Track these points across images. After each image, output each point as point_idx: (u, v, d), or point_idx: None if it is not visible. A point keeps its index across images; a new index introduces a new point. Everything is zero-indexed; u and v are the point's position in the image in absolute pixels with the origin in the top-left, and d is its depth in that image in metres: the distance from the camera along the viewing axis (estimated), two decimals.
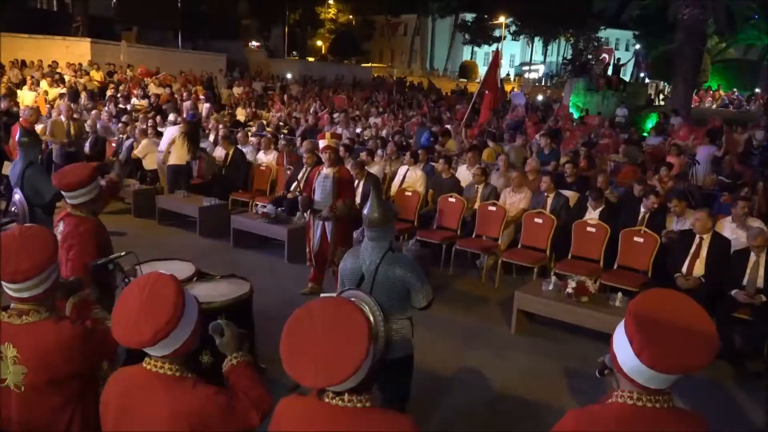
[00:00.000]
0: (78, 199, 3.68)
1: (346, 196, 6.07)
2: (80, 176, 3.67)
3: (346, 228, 6.20)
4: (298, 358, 1.72)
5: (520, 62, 56.89)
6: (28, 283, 2.20)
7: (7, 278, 2.18)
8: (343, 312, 1.78)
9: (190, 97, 17.01)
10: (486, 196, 7.74)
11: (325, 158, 6.17)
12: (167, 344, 1.88)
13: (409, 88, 31.03)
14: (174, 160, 9.11)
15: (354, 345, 1.70)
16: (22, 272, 2.17)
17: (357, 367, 1.68)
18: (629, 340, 1.66)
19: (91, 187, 3.71)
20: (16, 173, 5.76)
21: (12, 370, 2.19)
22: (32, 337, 2.20)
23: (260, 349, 4.57)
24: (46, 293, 2.27)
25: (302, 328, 1.77)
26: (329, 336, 1.72)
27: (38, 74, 17.83)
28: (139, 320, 1.84)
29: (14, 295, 2.23)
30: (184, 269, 4.58)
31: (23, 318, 2.22)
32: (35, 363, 2.18)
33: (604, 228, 6.61)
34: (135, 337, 1.84)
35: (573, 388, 4.79)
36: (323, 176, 6.13)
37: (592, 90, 22.28)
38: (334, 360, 1.68)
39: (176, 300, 1.88)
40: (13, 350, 2.18)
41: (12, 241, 2.23)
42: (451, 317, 5.97)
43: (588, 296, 5.25)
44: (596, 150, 11.59)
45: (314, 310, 1.81)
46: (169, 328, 1.84)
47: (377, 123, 14.65)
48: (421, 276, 3.46)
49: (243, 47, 35.28)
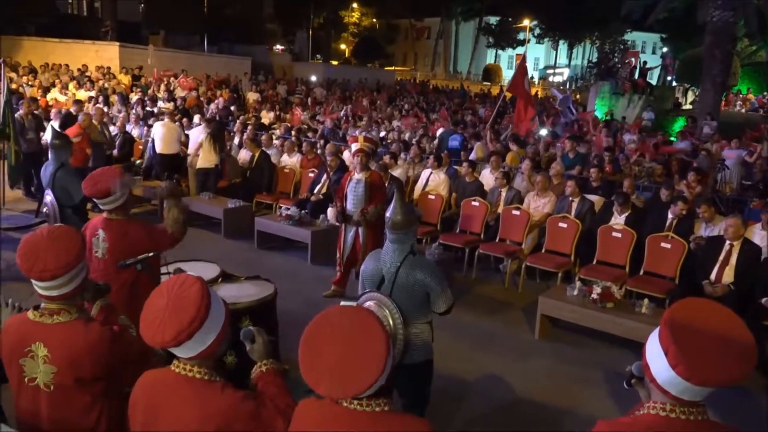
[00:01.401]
0: (111, 204, 3.68)
1: (378, 200, 6.06)
2: (108, 184, 3.65)
3: (378, 233, 6.19)
4: (314, 366, 1.73)
5: (544, 65, 56.45)
6: (55, 281, 2.24)
7: (35, 276, 2.23)
8: (362, 323, 1.78)
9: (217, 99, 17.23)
10: (509, 200, 7.69)
11: (356, 162, 6.15)
12: (191, 346, 1.89)
13: (433, 90, 30.99)
14: (202, 164, 9.20)
15: (371, 359, 1.70)
16: (50, 270, 2.21)
17: (372, 382, 1.68)
18: (664, 351, 1.62)
19: (121, 192, 3.70)
20: (47, 175, 5.89)
21: (42, 370, 2.23)
22: (63, 337, 2.24)
23: (283, 349, 4.60)
24: (74, 292, 2.31)
25: (320, 337, 1.77)
26: (346, 347, 1.72)
27: (66, 77, 18.21)
28: (164, 320, 1.86)
29: (43, 294, 2.28)
30: (210, 270, 4.64)
31: (54, 318, 2.26)
32: (65, 363, 2.21)
33: (630, 233, 6.53)
34: (158, 337, 1.87)
35: (596, 395, 4.73)
36: (355, 181, 6.12)
37: (617, 94, 22.03)
38: (349, 373, 1.68)
39: (200, 302, 1.89)
40: (44, 349, 2.22)
41: (40, 240, 2.28)
42: (473, 322, 5.94)
43: (613, 302, 5.19)
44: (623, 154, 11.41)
45: (333, 318, 1.81)
46: (191, 329, 1.85)
47: (400, 126, 14.65)
48: (442, 280, 3.44)
49: (268, 51, 35.60)
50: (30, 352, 2.23)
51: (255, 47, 31.64)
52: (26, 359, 2.23)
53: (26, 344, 2.23)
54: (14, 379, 2.29)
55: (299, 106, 18.44)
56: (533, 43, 51.50)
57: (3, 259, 6.88)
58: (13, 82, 15.72)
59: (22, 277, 2.31)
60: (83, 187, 3.75)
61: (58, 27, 23.24)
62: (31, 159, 9.74)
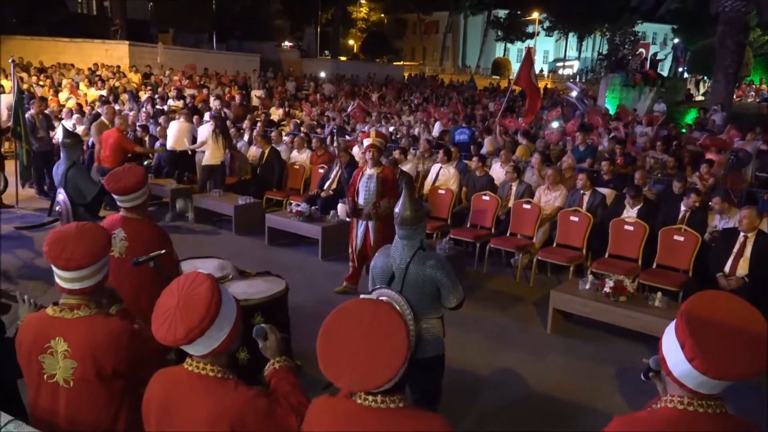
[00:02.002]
0: (131, 202, 3.70)
1: (390, 195, 6.06)
2: (135, 180, 3.66)
3: (388, 227, 6.17)
4: (333, 359, 1.73)
5: (554, 58, 56.10)
6: (80, 272, 2.26)
7: (62, 264, 2.24)
8: (383, 315, 1.77)
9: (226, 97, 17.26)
10: (520, 194, 7.65)
11: (368, 157, 6.13)
12: (203, 343, 1.89)
13: (440, 85, 30.87)
14: (208, 160, 9.24)
15: (392, 352, 1.69)
16: (76, 260, 2.24)
17: (393, 375, 1.68)
18: (680, 344, 1.61)
19: (144, 190, 3.74)
20: (59, 174, 5.93)
21: (62, 365, 2.24)
22: (83, 331, 2.24)
23: (295, 346, 4.61)
24: (94, 287, 2.33)
25: (340, 329, 1.76)
26: (367, 340, 1.72)
27: (80, 77, 18.33)
28: (175, 318, 1.87)
29: (65, 286, 2.29)
30: (221, 267, 4.64)
31: (74, 312, 2.28)
32: (85, 357, 2.22)
33: (642, 226, 6.47)
34: (170, 335, 1.87)
35: (610, 389, 4.71)
36: (367, 176, 6.11)
37: (628, 86, 21.87)
38: (370, 365, 1.68)
39: (210, 299, 1.89)
40: (63, 344, 2.23)
41: (69, 231, 2.33)
42: (484, 316, 5.93)
43: (626, 296, 5.15)
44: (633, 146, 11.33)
45: (353, 311, 1.80)
46: (203, 326, 1.86)
47: (410, 121, 14.62)
48: (452, 275, 3.43)
49: (276, 47, 35.62)
50: (49, 348, 2.24)
51: (263, 44, 31.68)
52: (45, 356, 2.24)
53: (45, 340, 2.24)
54: (33, 377, 2.29)
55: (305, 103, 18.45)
56: (542, 36, 51.17)
57: (18, 257, 6.96)
58: (24, 82, 15.85)
59: (37, 276, 2.33)
60: (106, 184, 3.76)
61: (68, 27, 23.39)
62: (43, 158, 9.84)
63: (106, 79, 18.27)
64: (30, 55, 20.44)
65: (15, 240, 7.65)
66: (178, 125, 10.05)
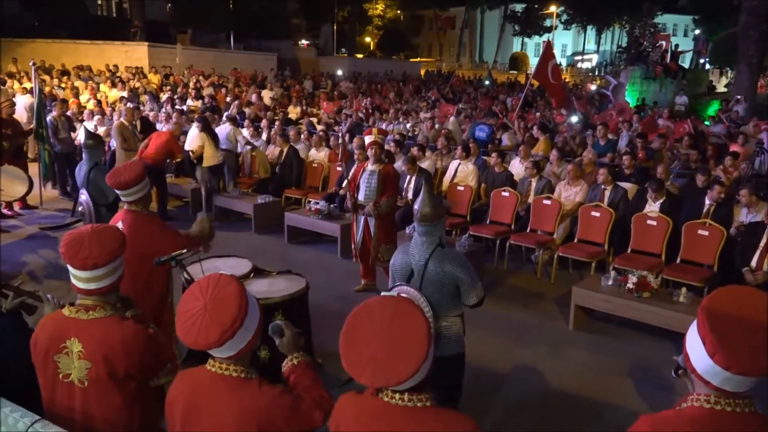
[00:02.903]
0: (132, 196, 3.86)
1: (391, 192, 6.04)
2: (135, 174, 3.82)
3: (389, 224, 6.17)
4: (355, 356, 1.72)
5: (572, 52, 55.52)
6: (96, 272, 2.29)
7: (79, 264, 2.27)
8: (403, 312, 1.76)
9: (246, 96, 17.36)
10: (540, 190, 7.58)
11: (370, 154, 6.14)
12: (232, 345, 1.89)
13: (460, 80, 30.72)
14: (207, 162, 9.06)
15: (413, 348, 1.68)
16: (93, 258, 2.27)
17: (415, 371, 1.67)
18: (702, 340, 1.58)
19: (144, 184, 3.88)
20: (82, 174, 6.01)
21: (77, 365, 2.26)
22: (98, 332, 2.27)
23: (315, 343, 4.62)
24: (110, 287, 2.35)
25: (361, 327, 1.76)
26: (388, 337, 1.71)
27: (101, 78, 18.57)
28: (205, 322, 1.86)
29: (81, 286, 2.31)
30: (242, 266, 4.67)
31: (89, 313, 2.30)
32: (99, 358, 2.24)
33: (665, 221, 6.38)
34: (201, 339, 1.86)
35: (633, 386, 4.64)
36: (368, 172, 6.10)
37: (649, 78, 21.56)
38: (391, 362, 1.67)
39: (241, 300, 1.90)
40: (78, 345, 2.25)
41: (85, 232, 2.37)
42: (505, 313, 5.89)
43: (650, 292, 5.08)
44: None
45: (374, 308, 1.80)
46: (234, 328, 1.86)
47: (427, 117, 14.56)
48: (471, 273, 3.41)
49: (293, 46, 35.75)
50: (65, 348, 2.26)
51: (280, 43, 31.80)
52: (61, 355, 2.27)
53: (61, 340, 2.27)
54: (49, 376, 2.31)
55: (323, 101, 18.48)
56: (560, 30, 50.63)
57: (42, 257, 7.07)
58: (47, 84, 16.09)
59: (60, 276, 2.36)
60: (108, 179, 3.91)
61: (89, 29, 23.69)
62: (65, 159, 9.98)
63: (126, 80, 18.48)
64: (52, 57, 20.74)
65: (39, 240, 7.77)
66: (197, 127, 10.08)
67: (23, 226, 8.48)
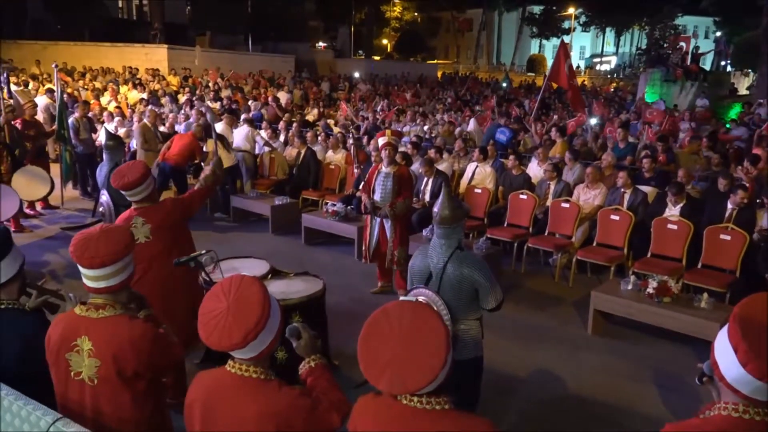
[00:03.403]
0: (138, 195, 3.94)
1: (406, 194, 6.03)
2: (138, 174, 3.89)
3: (404, 227, 6.16)
4: (373, 362, 1.72)
5: (590, 54, 55.12)
6: (104, 270, 2.31)
7: (86, 262, 2.30)
8: (421, 318, 1.75)
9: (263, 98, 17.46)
10: (558, 193, 7.53)
11: (384, 155, 6.13)
12: (255, 346, 1.90)
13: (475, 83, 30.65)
14: (224, 164, 9.17)
15: (431, 354, 1.68)
16: (100, 257, 2.30)
17: (433, 378, 1.66)
18: (733, 348, 1.55)
19: (147, 183, 3.95)
20: (102, 175, 6.08)
21: (87, 363, 2.29)
22: (107, 330, 2.29)
23: (332, 345, 4.63)
24: (119, 286, 2.38)
25: (379, 332, 1.76)
26: (406, 343, 1.70)
27: (121, 78, 18.81)
28: (228, 323, 1.87)
29: (91, 285, 2.35)
30: (260, 266, 4.69)
31: (99, 312, 2.33)
32: (108, 356, 2.26)
33: (686, 225, 6.29)
34: (225, 341, 1.87)
35: (653, 393, 4.58)
36: (383, 174, 6.09)
37: (669, 80, 21.32)
38: (409, 368, 1.67)
39: (264, 301, 1.90)
40: (88, 343, 2.28)
41: (93, 232, 2.41)
42: (523, 317, 5.84)
43: (670, 297, 5.01)
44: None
45: (391, 314, 1.79)
46: (258, 329, 1.87)
47: (444, 119, 14.53)
48: (490, 276, 3.38)
49: (310, 48, 35.89)
50: (75, 346, 2.29)
51: (297, 45, 31.96)
52: (72, 353, 2.29)
53: (72, 338, 2.30)
54: (61, 373, 2.34)
55: (344, 101, 18.53)
56: (579, 32, 50.33)
57: (63, 256, 7.17)
58: (69, 86, 16.32)
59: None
60: (112, 181, 4.00)
61: (109, 32, 24.01)
62: (86, 160, 10.10)
63: (146, 82, 18.68)
64: (73, 59, 21.05)
65: (60, 240, 7.87)
66: (218, 128, 10.16)
67: (45, 225, 8.60)
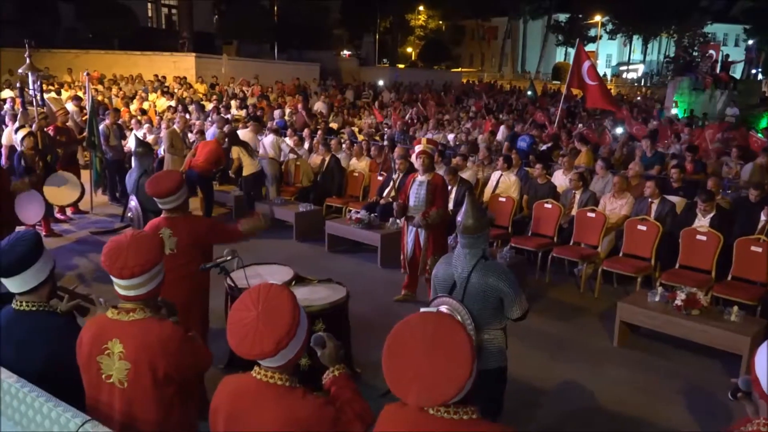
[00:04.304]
0: (170, 204, 3.94)
1: (441, 203, 6.01)
2: (173, 183, 3.91)
3: (439, 236, 6.14)
4: (399, 375, 1.72)
5: (617, 62, 54.50)
6: (133, 280, 2.33)
7: (116, 273, 2.33)
8: (445, 329, 1.75)
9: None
10: (584, 202, 7.44)
11: (418, 164, 6.14)
12: (285, 354, 1.91)
13: (499, 91, 30.52)
14: (248, 170, 9.24)
15: (457, 365, 1.67)
16: (129, 268, 2.31)
17: (460, 389, 1.66)
18: None
19: (182, 192, 3.96)
20: (131, 181, 6.19)
21: (117, 366, 2.31)
22: (137, 333, 2.31)
23: (354, 353, 4.63)
24: (149, 294, 2.40)
25: (404, 345, 1.75)
26: (431, 355, 1.70)
27: (150, 87, 19.15)
28: (259, 331, 1.88)
29: (122, 293, 2.37)
30: (284, 273, 4.72)
31: (130, 315, 2.35)
32: (138, 359, 2.29)
33: (716, 236, 6.17)
34: (256, 349, 1.88)
35: (680, 407, 4.49)
36: (418, 182, 6.10)
37: (698, 89, 20.98)
38: (436, 380, 1.67)
39: (294, 309, 1.92)
40: (119, 346, 2.30)
41: (123, 241, 2.42)
42: (547, 327, 5.78)
43: (699, 309, 4.92)
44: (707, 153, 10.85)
45: (416, 326, 1.79)
46: (289, 337, 1.88)
47: (469, 128, 14.50)
48: (515, 286, 3.36)
49: (335, 56, 36.13)
50: (106, 349, 2.32)
51: (323, 53, 32.19)
52: (103, 356, 2.32)
53: (103, 341, 2.32)
54: (92, 376, 2.37)
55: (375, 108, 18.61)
56: (605, 39, 49.79)
57: (92, 261, 7.30)
58: (99, 93, 16.67)
59: (109, 279, 2.41)
60: (147, 188, 4.02)
61: (139, 40, 24.47)
62: (116, 166, 10.29)
63: (174, 90, 18.98)
64: (104, 68, 21.50)
65: (89, 244, 8.02)
66: (244, 134, 10.29)
67: (75, 230, 8.77)
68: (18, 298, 2.57)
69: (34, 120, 8.77)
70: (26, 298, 2.56)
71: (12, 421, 2.35)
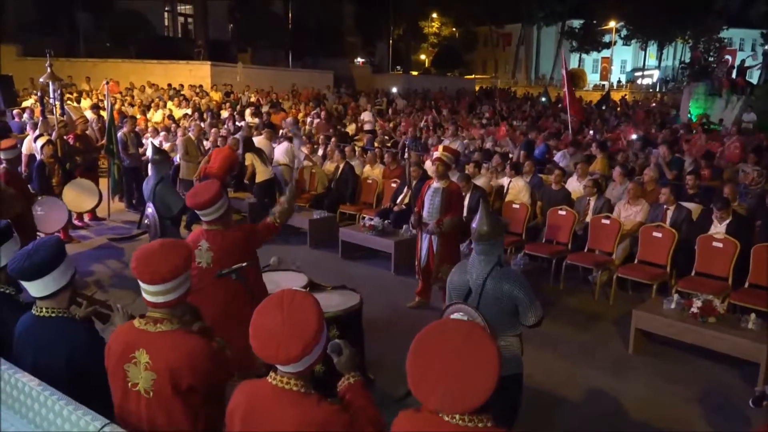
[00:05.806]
0: (211, 215, 3.90)
1: (455, 211, 6.01)
2: (211, 194, 3.87)
3: (452, 244, 6.14)
4: (424, 378, 1.72)
5: (632, 68, 54.19)
6: (162, 286, 2.37)
7: (147, 278, 2.36)
8: (477, 338, 1.76)
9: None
10: (599, 209, 7.41)
11: (432, 171, 6.16)
12: (308, 360, 1.94)
13: (513, 97, 30.47)
14: (261, 177, 9.30)
15: (486, 376, 1.68)
16: (160, 273, 2.35)
17: (485, 399, 1.67)
18: None
19: (222, 202, 3.91)
20: (148, 188, 6.27)
21: (143, 376, 2.34)
22: (165, 345, 2.35)
23: (368, 358, 4.64)
24: (176, 301, 2.43)
25: (432, 349, 1.76)
26: (459, 362, 1.70)
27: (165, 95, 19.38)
28: (285, 337, 1.91)
29: (150, 300, 2.41)
30: (298, 280, 4.75)
31: (157, 326, 2.39)
32: (164, 370, 2.31)
33: (732, 243, 6.12)
34: (282, 354, 1.90)
35: (696, 414, 4.46)
36: (433, 190, 6.12)
37: (714, 95, 20.76)
38: (463, 388, 1.67)
39: (319, 315, 1.96)
40: (146, 356, 2.34)
41: (154, 247, 2.48)
42: (562, 334, 5.76)
43: (716, 317, 4.88)
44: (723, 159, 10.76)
45: (446, 330, 1.80)
46: (315, 341, 1.92)
47: (482, 135, 14.48)
48: (530, 292, 3.37)
49: (349, 63, 36.30)
50: (133, 359, 2.35)
51: (336, 60, 32.37)
52: (130, 365, 2.36)
53: (131, 350, 2.36)
54: (119, 383, 2.40)
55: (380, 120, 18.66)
56: (620, 45, 49.62)
57: (109, 267, 7.39)
58: (118, 101, 16.90)
59: (125, 285, 2.47)
60: (187, 200, 4.01)
61: (155, 49, 24.79)
62: (133, 173, 10.42)
63: (190, 98, 19.19)
64: (121, 76, 21.80)
65: (107, 250, 8.13)
66: (258, 141, 10.38)
67: (92, 236, 8.89)
68: (38, 304, 2.62)
69: (53, 128, 8.92)
70: (46, 303, 2.61)
71: (33, 424, 2.40)
